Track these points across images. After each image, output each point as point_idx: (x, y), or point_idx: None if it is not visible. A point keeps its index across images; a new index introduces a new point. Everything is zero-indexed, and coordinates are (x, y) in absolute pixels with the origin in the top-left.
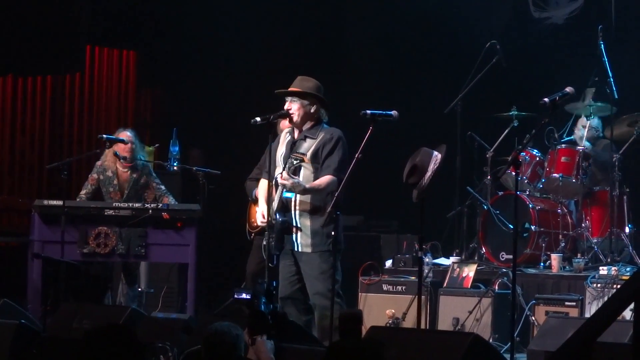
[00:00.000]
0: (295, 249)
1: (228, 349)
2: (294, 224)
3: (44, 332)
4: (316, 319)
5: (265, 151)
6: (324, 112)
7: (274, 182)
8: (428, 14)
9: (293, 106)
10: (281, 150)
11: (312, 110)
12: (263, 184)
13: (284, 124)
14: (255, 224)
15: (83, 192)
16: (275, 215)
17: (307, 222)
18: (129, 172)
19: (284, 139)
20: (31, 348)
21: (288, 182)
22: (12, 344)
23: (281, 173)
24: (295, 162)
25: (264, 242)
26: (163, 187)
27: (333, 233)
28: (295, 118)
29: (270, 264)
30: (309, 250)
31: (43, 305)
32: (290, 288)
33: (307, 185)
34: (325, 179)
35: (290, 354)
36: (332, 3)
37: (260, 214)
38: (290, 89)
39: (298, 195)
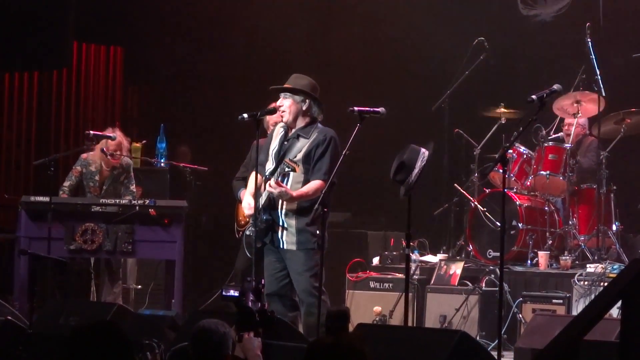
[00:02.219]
0: (281, 247)
1: (215, 346)
2: (280, 223)
3: (30, 329)
4: (302, 316)
5: (251, 148)
6: (317, 111)
7: (264, 179)
8: (416, 12)
9: (285, 102)
10: (274, 144)
11: (304, 108)
12: (252, 176)
13: (272, 119)
14: (243, 222)
15: (67, 183)
16: (261, 212)
17: (292, 222)
18: (109, 171)
19: (277, 134)
20: (17, 345)
21: (276, 191)
22: None
23: (269, 181)
24: (287, 169)
25: (247, 233)
26: (132, 189)
27: (318, 232)
28: (287, 116)
29: (249, 255)
30: (294, 247)
31: (29, 301)
32: (276, 284)
33: (295, 194)
34: (313, 186)
35: (277, 351)
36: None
37: (247, 205)
38: (284, 85)
39: None
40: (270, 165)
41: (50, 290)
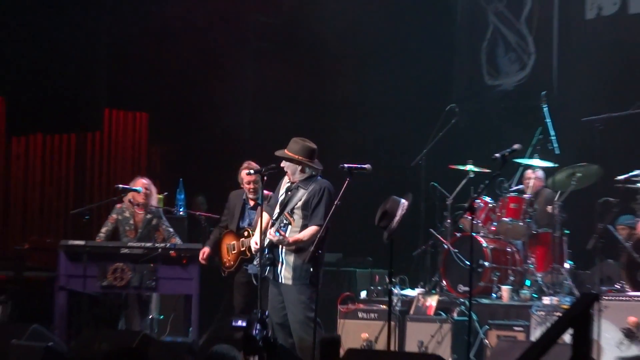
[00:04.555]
0: (279, 281)
1: None
2: (280, 260)
3: (68, 354)
4: (296, 343)
5: (229, 199)
6: (311, 170)
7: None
8: (398, 83)
9: (285, 164)
10: (281, 192)
11: (299, 169)
12: (265, 217)
13: (245, 177)
14: (228, 264)
15: (103, 229)
16: (265, 250)
17: (290, 259)
18: (143, 214)
19: (284, 184)
20: None
21: (275, 239)
22: None
23: (270, 230)
24: (285, 221)
25: (244, 266)
26: (171, 230)
27: (312, 269)
28: (288, 174)
29: (255, 282)
30: (289, 282)
31: (68, 330)
32: (278, 314)
33: (291, 240)
34: (308, 232)
35: None
36: (312, 64)
37: (253, 242)
38: (284, 151)
39: None
40: (277, 211)
41: (85, 321)
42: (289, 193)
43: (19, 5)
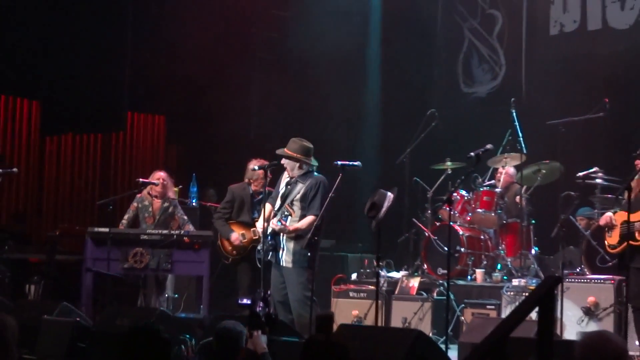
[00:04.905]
0: (281, 264)
1: (233, 341)
2: (281, 246)
3: (93, 328)
4: (295, 319)
5: (228, 192)
6: (307, 166)
7: (273, 213)
8: (385, 91)
9: (285, 161)
10: (282, 186)
11: (297, 166)
12: (267, 207)
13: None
14: (229, 249)
15: (125, 217)
16: (268, 237)
17: (290, 245)
18: (160, 203)
19: (284, 178)
20: (84, 340)
21: (277, 228)
22: (70, 337)
23: (272, 220)
24: (286, 212)
25: (258, 248)
26: (185, 218)
27: (310, 254)
28: (287, 169)
29: (259, 265)
30: (290, 265)
31: (93, 307)
32: (279, 293)
33: (292, 228)
34: (306, 221)
35: (278, 345)
36: (311, 73)
37: (259, 229)
38: (284, 150)
39: None
40: (278, 202)
41: (108, 299)
42: (289, 187)
43: (52, 20)
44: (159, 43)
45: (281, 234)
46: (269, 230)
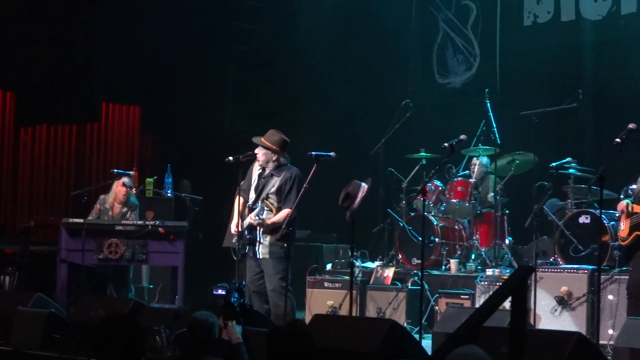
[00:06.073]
0: (258, 257)
1: (205, 331)
2: (258, 239)
3: (68, 319)
4: (271, 309)
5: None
6: (284, 159)
7: (247, 205)
8: (360, 81)
9: (260, 152)
10: (254, 178)
11: (274, 158)
12: (240, 200)
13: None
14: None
15: (89, 218)
16: (245, 231)
17: (267, 238)
18: (120, 208)
19: (255, 170)
20: (59, 331)
21: (255, 223)
22: (44, 328)
23: (250, 215)
24: (265, 208)
25: (233, 241)
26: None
27: (285, 245)
28: (261, 162)
29: (235, 258)
30: (267, 256)
31: (68, 298)
32: (255, 284)
33: (269, 222)
34: (283, 214)
35: (253, 335)
36: (285, 64)
37: (234, 225)
38: (261, 140)
39: None
40: (252, 195)
41: (83, 289)
42: (263, 180)
43: (26, 10)
44: (134, 34)
45: (258, 228)
46: (246, 224)
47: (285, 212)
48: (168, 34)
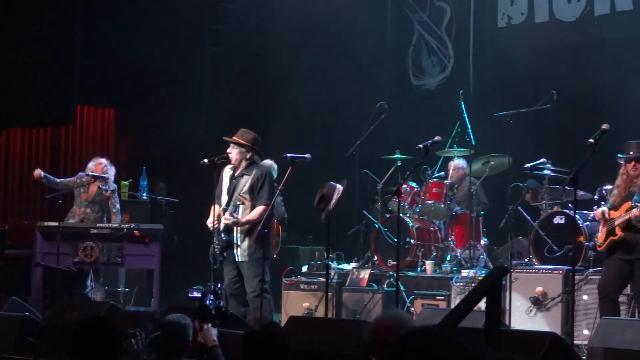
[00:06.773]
0: (236, 260)
1: (178, 334)
2: (235, 242)
3: (43, 322)
4: (252, 312)
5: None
6: (257, 158)
7: (222, 209)
8: (336, 83)
9: (233, 151)
10: (225, 180)
11: (247, 156)
12: (216, 209)
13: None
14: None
15: (66, 179)
16: (221, 234)
17: (245, 240)
18: (97, 187)
19: (226, 173)
20: (33, 334)
21: (229, 222)
22: (19, 332)
23: (225, 215)
24: (238, 202)
25: (210, 250)
26: (118, 207)
27: (262, 246)
28: (233, 161)
29: (215, 267)
30: (246, 259)
31: (43, 301)
32: (232, 287)
33: (243, 220)
34: (258, 211)
35: (229, 338)
36: (260, 66)
37: (210, 224)
38: (234, 138)
39: None
40: (224, 198)
41: (58, 293)
42: (234, 181)
43: (1, 13)
44: (109, 36)
45: (234, 231)
46: (222, 226)
47: (259, 209)
48: (142, 36)
